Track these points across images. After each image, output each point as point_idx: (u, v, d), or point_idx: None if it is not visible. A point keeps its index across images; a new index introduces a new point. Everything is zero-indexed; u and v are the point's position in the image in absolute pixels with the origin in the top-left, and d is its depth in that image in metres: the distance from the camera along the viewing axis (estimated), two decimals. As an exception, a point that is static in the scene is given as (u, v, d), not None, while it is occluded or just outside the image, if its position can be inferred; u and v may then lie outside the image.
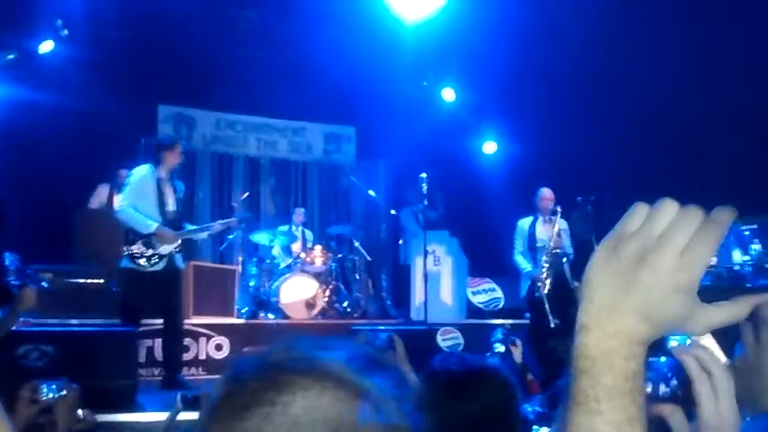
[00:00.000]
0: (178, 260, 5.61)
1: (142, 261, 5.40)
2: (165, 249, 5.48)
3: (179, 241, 5.58)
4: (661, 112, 7.65)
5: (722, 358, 1.02)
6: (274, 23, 8.60)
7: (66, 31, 7.47)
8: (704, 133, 7.32)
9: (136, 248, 5.40)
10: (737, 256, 6.83)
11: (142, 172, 5.55)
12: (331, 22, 8.11)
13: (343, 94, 9.20)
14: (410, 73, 9.04)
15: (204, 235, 6.02)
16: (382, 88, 9.06)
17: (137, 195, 5.44)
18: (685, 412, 0.99)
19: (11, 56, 7.56)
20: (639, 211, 0.71)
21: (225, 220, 6.31)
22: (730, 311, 0.71)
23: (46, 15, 7.42)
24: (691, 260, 0.67)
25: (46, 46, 7.60)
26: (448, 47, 8.53)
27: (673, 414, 0.99)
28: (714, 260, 6.26)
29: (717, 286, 6.28)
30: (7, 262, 6.08)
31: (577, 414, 0.69)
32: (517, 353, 4.89)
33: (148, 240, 5.40)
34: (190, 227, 5.84)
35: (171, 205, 5.61)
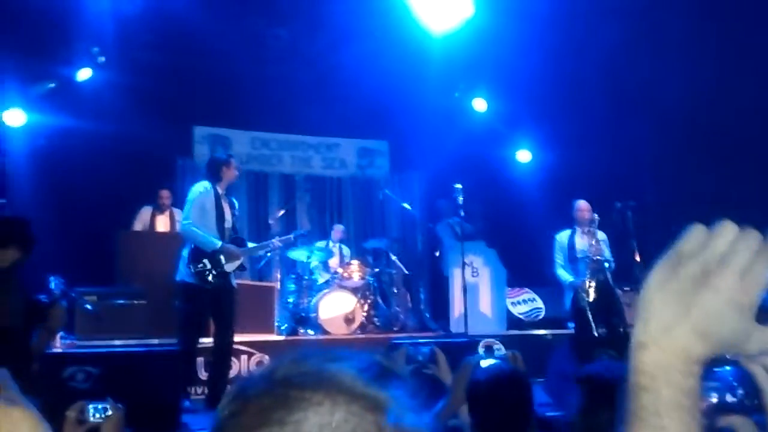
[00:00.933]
0: (233, 278, 5.66)
1: (209, 278, 5.44)
2: (230, 266, 5.54)
3: (243, 259, 5.64)
4: (697, 115, 7.52)
5: None
6: (304, 40, 8.69)
7: (103, 58, 7.65)
8: (741, 134, 7.17)
9: (203, 265, 5.44)
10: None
11: (201, 189, 5.60)
12: (360, 36, 8.16)
13: (375, 109, 9.23)
14: (441, 84, 9.04)
15: (263, 252, 6.07)
16: (413, 100, 9.07)
17: (198, 212, 5.50)
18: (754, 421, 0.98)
19: (51, 85, 7.77)
20: (697, 233, 0.73)
21: (283, 237, 6.37)
22: None
23: (83, 43, 7.61)
24: (750, 282, 0.70)
25: (84, 74, 7.79)
26: (478, 57, 8.52)
27: (743, 426, 0.99)
28: None
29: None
30: (52, 285, 6.20)
31: (638, 429, 0.70)
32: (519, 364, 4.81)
33: (215, 257, 5.45)
34: (252, 244, 5.89)
35: (229, 222, 5.67)
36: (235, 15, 8.09)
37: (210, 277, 5.44)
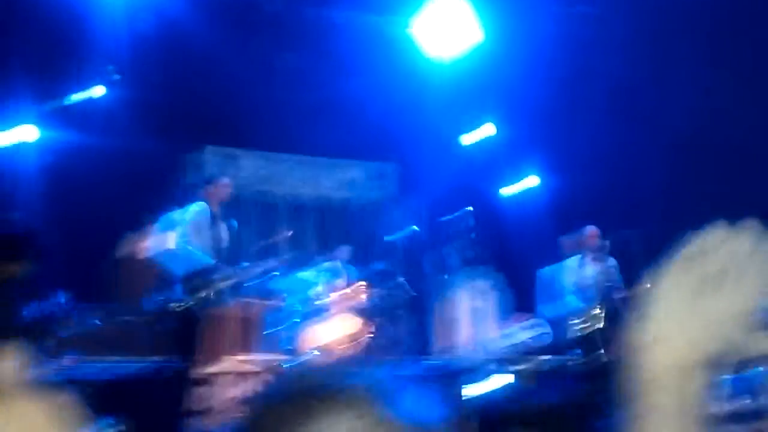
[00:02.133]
0: (228, 297, 5.65)
1: (202, 297, 5.43)
2: (223, 285, 5.53)
3: (237, 278, 5.63)
4: (707, 140, 7.52)
5: None
6: (313, 64, 8.77)
7: (117, 77, 7.73)
8: (753, 160, 7.16)
9: (195, 284, 5.44)
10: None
11: (196, 209, 5.63)
12: (369, 60, 8.24)
13: (383, 131, 9.28)
14: (449, 108, 9.09)
15: (256, 272, 6.07)
16: (421, 123, 9.12)
17: (193, 232, 5.50)
18: None
19: (63, 103, 7.85)
20: (715, 235, 0.73)
21: (278, 258, 6.36)
22: None
23: (97, 60, 7.69)
24: (765, 286, 0.69)
25: (98, 91, 7.86)
26: (485, 82, 8.58)
27: None
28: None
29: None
30: (59, 301, 6.22)
31: (648, 428, 0.69)
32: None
33: (208, 277, 5.44)
34: (245, 264, 5.89)
35: (225, 242, 5.68)
36: (247, 37, 8.18)
37: (202, 297, 5.42)
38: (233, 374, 6.19)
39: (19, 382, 0.47)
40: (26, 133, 7.66)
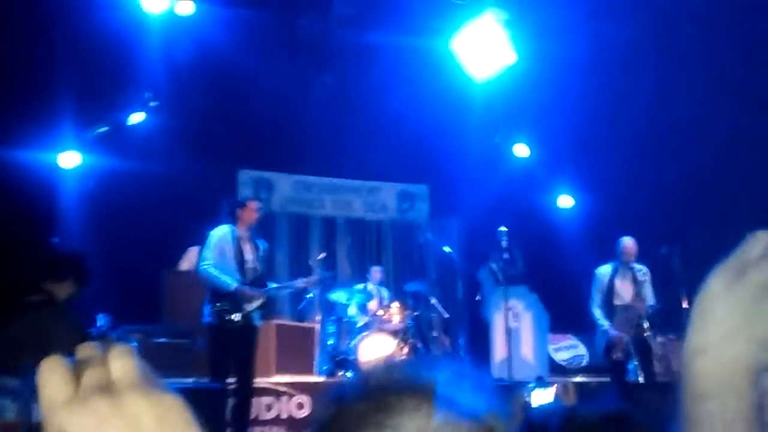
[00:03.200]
0: (256, 318, 5.69)
1: (229, 318, 5.50)
2: (249, 306, 5.59)
3: (262, 300, 5.68)
4: (743, 158, 7.42)
5: None
6: (348, 86, 8.88)
7: (155, 103, 7.90)
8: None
9: (221, 305, 5.52)
10: None
11: (220, 232, 5.71)
12: (403, 82, 8.31)
13: (416, 153, 9.34)
14: (482, 129, 9.11)
15: (286, 292, 6.10)
16: (454, 145, 9.14)
17: (217, 254, 5.58)
18: None
19: (103, 129, 8.04)
20: (762, 240, 0.72)
21: (306, 279, 6.41)
22: None
23: (136, 88, 7.89)
24: None
25: (136, 118, 8.05)
26: (518, 103, 8.60)
27: None
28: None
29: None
30: (100, 323, 6.33)
31: None
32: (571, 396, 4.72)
33: (233, 298, 5.52)
34: (273, 285, 5.95)
35: (251, 263, 5.73)
36: (282, 61, 8.32)
37: (229, 318, 5.47)
38: (268, 394, 6.22)
39: (132, 382, 0.49)
40: (68, 160, 7.85)
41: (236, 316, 5.51)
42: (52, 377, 0.54)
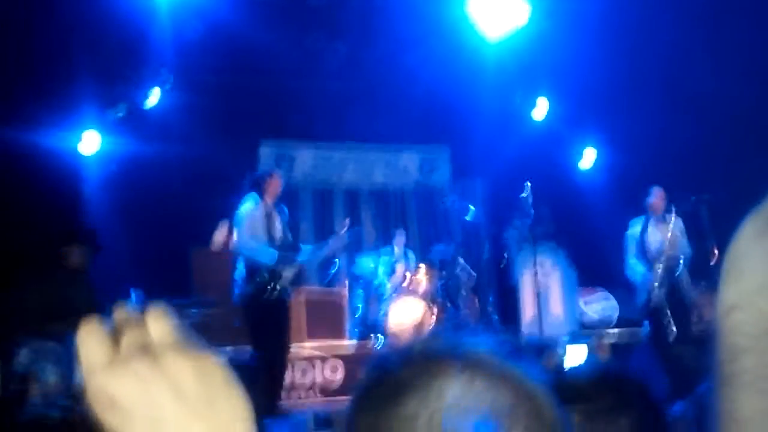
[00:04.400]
0: (289, 290, 5.73)
1: (269, 290, 5.54)
2: (288, 273, 5.64)
3: (300, 267, 5.74)
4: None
5: None
6: (361, 51, 8.80)
7: (171, 80, 7.91)
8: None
9: (262, 278, 5.56)
10: None
11: (248, 207, 5.75)
12: (417, 43, 8.21)
13: (435, 116, 9.27)
14: (500, 88, 8.99)
15: (321, 252, 6.13)
16: (473, 105, 9.05)
17: (250, 227, 5.63)
18: None
19: (122, 112, 8.07)
20: None
21: (337, 237, 6.42)
22: None
23: (152, 67, 7.90)
24: None
25: (154, 98, 8.06)
26: (535, 61, 8.46)
27: None
28: None
29: None
30: (132, 299, 6.42)
31: (745, 396, 0.65)
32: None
33: (274, 269, 5.57)
34: (306, 248, 5.99)
35: (279, 231, 5.78)
36: (294, 31, 8.27)
37: (269, 290, 5.52)
38: (307, 359, 6.30)
39: (172, 343, 0.49)
40: (88, 143, 7.89)
41: (276, 289, 5.55)
42: (90, 340, 0.54)
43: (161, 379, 0.52)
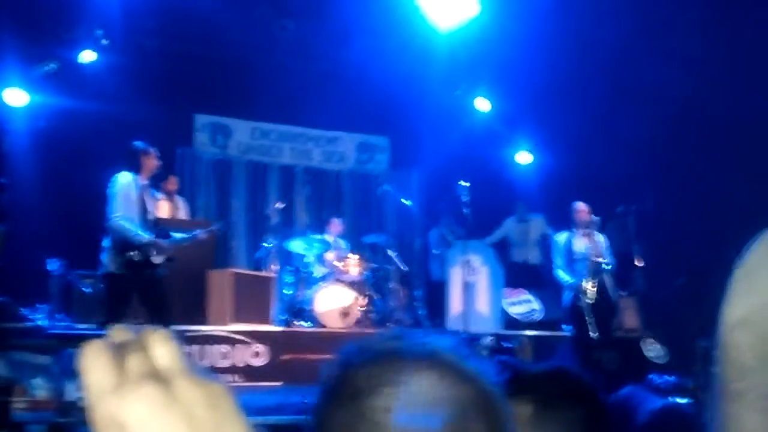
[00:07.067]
0: (163, 268, 5.51)
1: (137, 268, 5.30)
2: (157, 258, 5.42)
3: (171, 252, 5.51)
4: (702, 117, 7.50)
5: None
6: (310, 33, 8.66)
7: (106, 41, 7.58)
8: (749, 138, 7.15)
9: (131, 256, 5.29)
10: None
11: (124, 180, 5.40)
12: (366, 32, 8.13)
13: (377, 104, 9.20)
14: (443, 82, 9.03)
15: (186, 242, 5.86)
16: (415, 97, 9.06)
17: (124, 203, 5.33)
18: None
19: (53, 66, 7.69)
20: None
21: (206, 229, 6.22)
22: None
23: (86, 25, 7.54)
24: None
25: (87, 56, 7.72)
26: (481, 56, 8.51)
27: None
28: None
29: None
30: (52, 267, 6.15)
31: (748, 414, 0.65)
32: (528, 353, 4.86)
33: (143, 249, 5.33)
34: (178, 235, 5.73)
35: (152, 214, 5.55)
36: (243, 4, 8.04)
37: (138, 268, 5.30)
38: (230, 342, 6.18)
39: (181, 369, 0.47)
40: (14, 97, 7.53)
41: (145, 267, 5.31)
42: (97, 362, 0.52)
43: (174, 405, 0.51)
